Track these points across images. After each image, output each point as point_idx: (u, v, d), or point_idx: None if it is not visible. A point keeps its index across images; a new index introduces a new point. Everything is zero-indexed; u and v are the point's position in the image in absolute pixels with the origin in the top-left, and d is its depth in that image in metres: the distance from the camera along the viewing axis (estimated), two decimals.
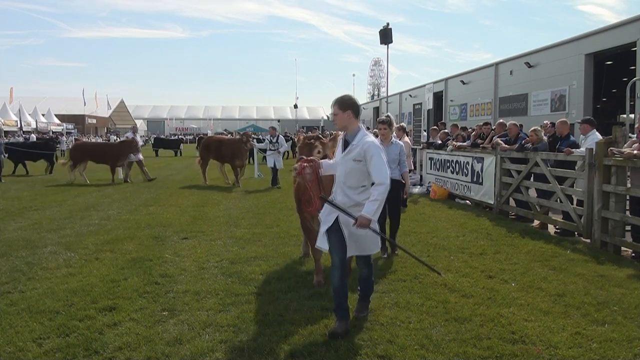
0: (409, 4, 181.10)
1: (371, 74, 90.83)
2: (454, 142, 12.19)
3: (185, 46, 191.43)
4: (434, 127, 15.00)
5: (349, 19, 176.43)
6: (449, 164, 12.15)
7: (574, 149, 7.92)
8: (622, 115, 23.46)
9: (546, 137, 8.99)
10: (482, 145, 10.97)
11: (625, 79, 20.02)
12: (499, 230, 7.98)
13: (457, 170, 11.63)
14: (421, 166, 14.34)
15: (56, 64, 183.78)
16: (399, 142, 6.51)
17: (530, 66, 24.26)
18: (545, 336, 3.86)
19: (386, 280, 5.27)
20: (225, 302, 4.60)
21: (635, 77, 16.72)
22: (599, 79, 21.11)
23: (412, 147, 13.25)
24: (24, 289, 4.95)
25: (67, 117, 55.58)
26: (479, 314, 4.29)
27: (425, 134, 14.91)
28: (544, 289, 4.98)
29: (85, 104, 57.75)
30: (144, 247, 6.74)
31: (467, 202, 11.09)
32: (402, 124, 10.87)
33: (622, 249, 6.58)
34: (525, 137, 9.33)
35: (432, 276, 5.32)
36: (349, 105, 3.96)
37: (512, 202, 9.43)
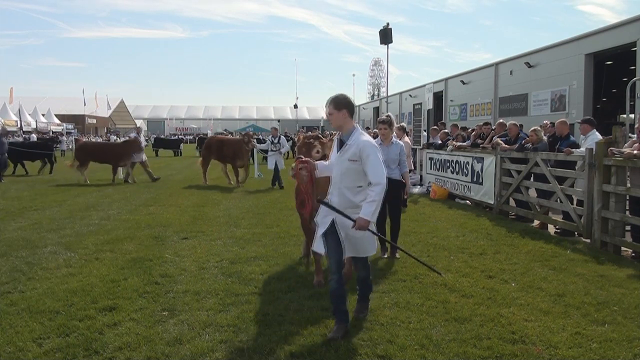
0: (409, 4, 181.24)
1: (371, 74, 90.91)
2: (454, 142, 12.19)
3: (185, 46, 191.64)
4: (434, 127, 14.99)
5: (349, 19, 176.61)
6: (449, 164, 12.15)
7: (574, 149, 7.92)
8: (622, 115, 23.47)
9: (546, 137, 8.99)
10: (482, 145, 10.97)
11: (625, 79, 20.02)
12: (499, 230, 7.98)
13: (457, 170, 11.63)
14: (421, 166, 14.34)
15: (56, 64, 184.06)
16: (399, 142, 6.46)
17: (530, 66, 24.26)
18: (545, 336, 3.86)
19: (386, 280, 5.27)
20: (225, 302, 4.60)
21: (635, 77, 16.72)
22: (599, 79, 21.11)
23: (412, 147, 13.25)
24: (24, 289, 4.95)
25: (67, 117, 55.54)
26: (479, 314, 4.29)
27: (425, 134, 14.90)
28: (544, 289, 4.98)
29: (85, 104, 57.72)
30: (144, 247, 6.74)
31: (467, 202, 11.09)
32: (402, 123, 10.85)
33: (622, 249, 6.58)
34: (525, 137, 9.33)
35: (432, 276, 5.32)
36: (344, 104, 3.90)
37: (512, 202, 9.43)
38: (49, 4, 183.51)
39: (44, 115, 46.61)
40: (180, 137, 53.48)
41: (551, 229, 8.29)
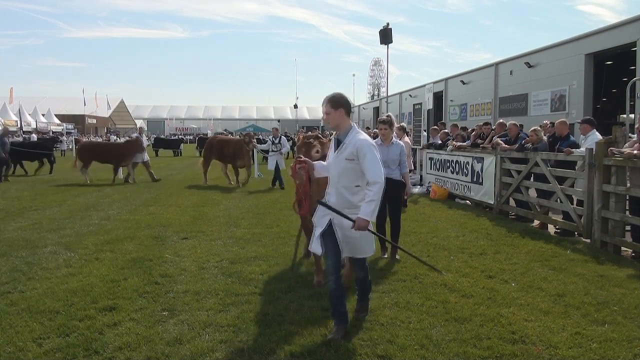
0: (409, 4, 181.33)
1: (371, 74, 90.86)
2: (454, 142, 12.19)
3: (185, 46, 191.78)
4: (434, 127, 14.98)
5: (349, 19, 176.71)
6: (449, 164, 12.15)
7: (574, 149, 7.92)
8: (622, 115, 23.45)
9: (546, 137, 8.99)
10: (482, 145, 10.97)
11: (625, 79, 20.01)
12: (499, 230, 7.98)
13: (457, 170, 11.63)
14: (421, 166, 14.34)
15: (56, 64, 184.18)
16: (400, 143, 6.41)
17: (530, 66, 24.25)
18: (545, 336, 3.86)
19: (386, 280, 5.27)
20: (225, 302, 4.60)
21: (635, 77, 16.71)
22: (599, 79, 21.09)
23: (412, 147, 13.25)
24: (24, 289, 4.95)
25: (67, 117, 55.57)
26: (479, 314, 4.29)
27: (425, 134, 14.90)
28: (544, 289, 4.98)
29: (85, 104, 57.72)
30: (144, 247, 6.74)
31: (467, 202, 11.09)
32: (402, 123, 10.84)
33: (622, 249, 6.58)
34: (525, 137, 9.33)
35: (432, 276, 5.33)
36: (341, 103, 3.85)
37: (512, 202, 9.43)
38: (49, 4, 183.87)
39: (44, 115, 46.64)
40: (180, 137, 53.48)
41: (551, 229, 8.29)
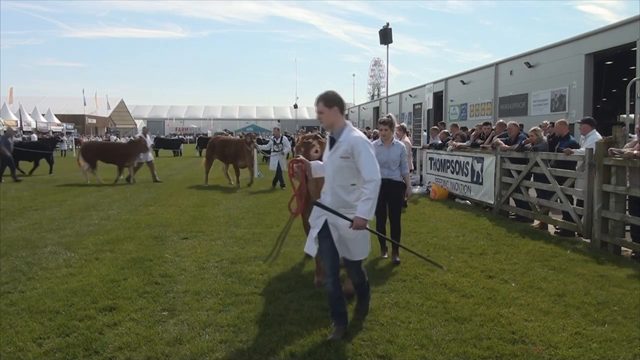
0: (409, 4, 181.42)
1: (371, 74, 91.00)
2: (454, 142, 12.19)
3: (185, 46, 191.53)
4: (434, 127, 14.99)
5: (349, 19, 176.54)
6: (449, 164, 12.16)
7: (574, 149, 7.92)
8: (622, 115, 23.46)
9: (546, 137, 8.99)
10: (482, 145, 10.97)
11: (625, 79, 20.01)
12: (499, 230, 7.99)
13: (457, 170, 11.63)
14: (421, 166, 14.35)
15: (56, 64, 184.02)
16: (401, 143, 6.33)
17: (530, 66, 24.25)
18: (545, 336, 3.86)
19: (386, 280, 5.27)
20: (225, 302, 4.60)
21: (635, 77, 16.70)
22: (599, 79, 21.10)
23: (412, 147, 13.26)
24: (24, 289, 4.95)
25: (67, 117, 55.53)
26: (479, 314, 4.29)
27: (425, 134, 14.91)
28: (544, 289, 4.98)
29: (85, 104, 57.68)
30: (144, 247, 6.74)
31: (467, 202, 11.09)
32: (402, 123, 10.83)
33: (622, 249, 6.58)
34: (525, 137, 9.33)
35: (432, 276, 5.33)
36: (335, 101, 3.80)
37: (512, 202, 9.43)
38: (49, 4, 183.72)
39: (44, 115, 46.58)
40: (180, 137, 53.50)
41: (551, 229, 8.29)
